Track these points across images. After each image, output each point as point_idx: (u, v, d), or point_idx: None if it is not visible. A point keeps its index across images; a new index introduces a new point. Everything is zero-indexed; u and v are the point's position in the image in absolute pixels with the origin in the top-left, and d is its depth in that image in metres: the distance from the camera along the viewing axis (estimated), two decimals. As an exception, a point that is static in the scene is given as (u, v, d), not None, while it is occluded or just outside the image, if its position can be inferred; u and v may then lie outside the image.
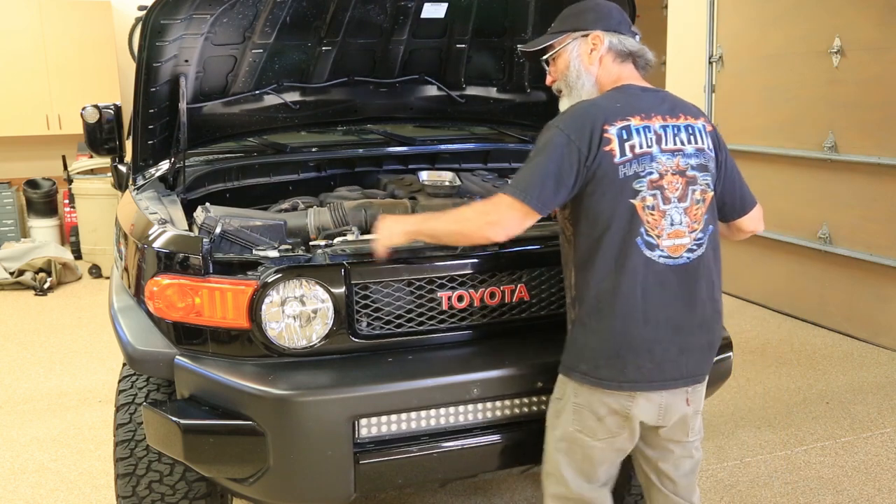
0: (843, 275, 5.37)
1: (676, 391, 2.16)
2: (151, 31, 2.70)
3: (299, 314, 2.28)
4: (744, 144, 6.08)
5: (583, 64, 2.23)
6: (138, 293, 2.45)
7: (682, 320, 2.12)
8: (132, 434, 2.50)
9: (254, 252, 2.35)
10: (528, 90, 3.77)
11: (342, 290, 2.30)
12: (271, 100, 3.52)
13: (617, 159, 2.06)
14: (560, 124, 2.09)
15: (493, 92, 3.88)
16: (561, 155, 2.05)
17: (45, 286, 6.89)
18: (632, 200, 2.07)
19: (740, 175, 2.35)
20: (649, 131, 2.11)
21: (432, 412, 2.32)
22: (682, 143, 2.15)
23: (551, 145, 2.06)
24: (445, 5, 3.33)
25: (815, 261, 5.56)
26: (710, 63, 6.28)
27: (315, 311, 2.29)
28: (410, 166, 3.82)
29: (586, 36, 2.22)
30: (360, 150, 3.88)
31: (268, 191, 3.53)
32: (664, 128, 2.14)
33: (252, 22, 3.08)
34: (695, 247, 2.13)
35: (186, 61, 3.02)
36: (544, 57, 2.32)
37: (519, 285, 2.46)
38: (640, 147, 2.09)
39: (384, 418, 2.27)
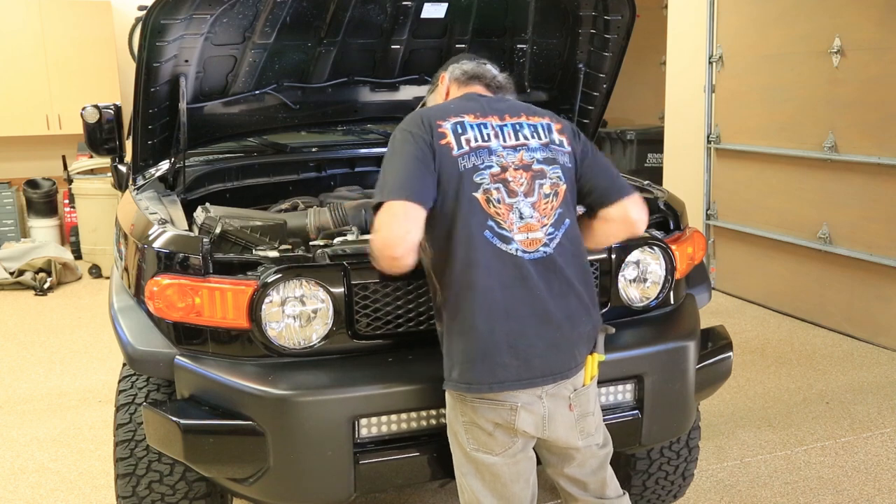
0: (843, 275, 5.37)
1: (558, 399, 2.11)
2: (151, 31, 2.70)
3: (299, 314, 2.28)
4: (744, 144, 6.08)
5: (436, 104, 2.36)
6: (138, 293, 2.45)
7: (547, 314, 2.07)
8: (132, 434, 2.50)
9: (254, 252, 2.35)
10: (529, 90, 3.77)
11: (342, 290, 2.30)
12: (271, 100, 3.51)
13: (455, 152, 2.08)
14: (400, 127, 2.14)
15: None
16: (411, 146, 2.07)
17: (45, 286, 6.89)
18: (474, 194, 2.07)
19: (610, 164, 2.30)
20: (485, 127, 2.14)
21: (432, 412, 2.32)
22: (526, 138, 2.16)
23: (399, 145, 2.10)
24: (445, 5, 3.33)
25: (815, 261, 5.56)
26: (710, 63, 6.28)
27: (315, 311, 2.29)
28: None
29: (435, 84, 2.43)
30: (360, 150, 3.89)
31: (268, 191, 3.54)
32: (501, 126, 2.17)
33: (252, 22, 3.08)
34: (549, 241, 2.10)
35: (186, 61, 3.02)
36: None
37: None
38: (476, 140, 2.11)
39: (384, 418, 2.28)
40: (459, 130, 2.11)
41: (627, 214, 2.22)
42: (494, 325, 2.04)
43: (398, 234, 1.97)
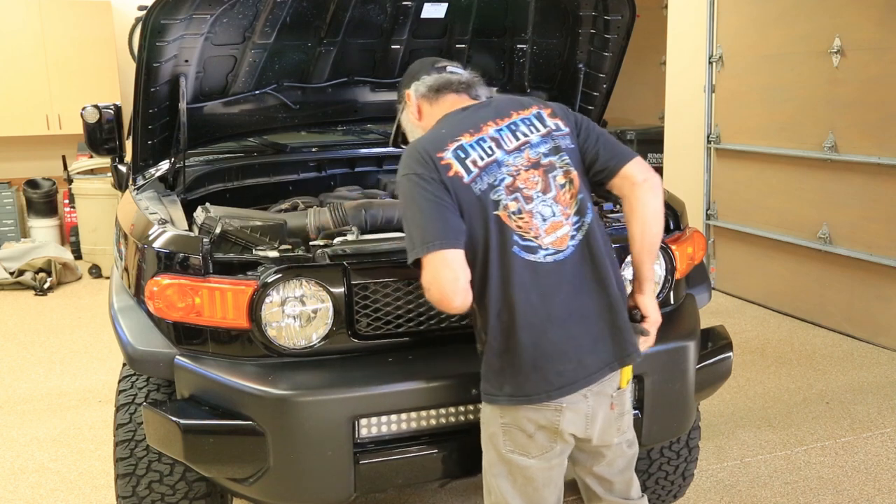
0: (843, 275, 5.37)
1: (602, 398, 2.11)
2: (151, 31, 2.70)
3: (299, 314, 2.29)
4: (744, 144, 6.08)
5: (412, 125, 2.33)
6: (138, 293, 2.45)
7: (588, 309, 2.07)
8: (132, 434, 2.50)
9: (254, 252, 2.35)
10: (529, 90, 3.78)
11: (342, 290, 2.30)
12: (271, 100, 3.52)
13: (466, 179, 2.04)
14: (402, 172, 2.09)
15: (493, 92, 3.88)
16: (424, 189, 2.02)
17: (45, 286, 6.89)
18: (496, 212, 2.05)
19: (605, 133, 2.24)
20: (484, 142, 2.10)
21: (432, 412, 2.32)
22: (525, 135, 2.13)
23: (411, 192, 2.04)
24: (445, 5, 3.33)
25: (815, 261, 5.56)
26: (710, 63, 6.28)
27: (315, 311, 2.29)
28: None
29: (403, 102, 2.37)
30: (360, 150, 3.89)
31: (268, 191, 3.54)
32: (498, 131, 2.13)
33: (252, 22, 3.08)
34: (575, 232, 2.09)
35: (186, 61, 3.02)
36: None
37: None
38: (482, 159, 2.07)
39: (384, 418, 2.28)
40: (462, 155, 2.07)
41: (633, 179, 2.15)
42: (540, 336, 2.03)
43: (448, 286, 1.96)
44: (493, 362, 2.09)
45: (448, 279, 1.96)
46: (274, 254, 2.33)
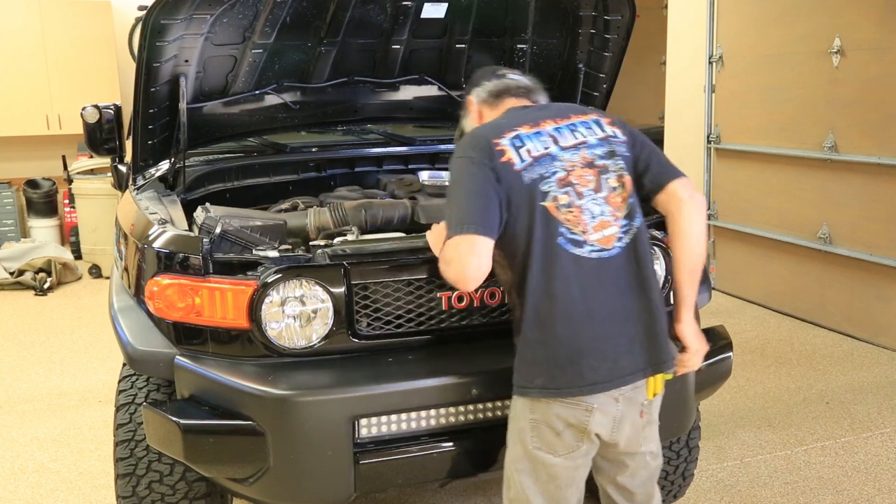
0: (843, 275, 5.37)
1: (632, 404, 2.11)
2: (151, 31, 2.70)
3: (299, 314, 2.29)
4: (744, 144, 6.08)
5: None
6: (138, 293, 2.45)
7: (628, 310, 2.08)
8: (132, 434, 2.50)
9: (254, 252, 2.35)
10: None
11: (342, 290, 2.31)
12: (271, 100, 3.52)
13: (517, 166, 2.06)
14: (457, 154, 2.12)
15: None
16: (473, 174, 2.05)
17: (45, 286, 6.89)
18: (542, 203, 2.05)
19: (657, 148, 2.30)
20: (542, 135, 2.13)
21: (432, 412, 2.32)
22: (583, 136, 2.16)
23: (460, 173, 2.08)
24: (445, 5, 3.33)
25: (815, 261, 5.56)
26: (710, 63, 6.28)
27: (315, 311, 2.30)
28: (410, 166, 3.83)
29: (465, 108, 2.42)
30: (360, 150, 3.89)
31: (268, 191, 3.54)
32: (557, 129, 2.16)
33: (252, 22, 3.08)
34: (622, 234, 2.10)
35: (186, 61, 3.02)
36: None
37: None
38: (537, 150, 2.10)
39: (384, 418, 2.28)
40: (518, 144, 2.09)
41: (679, 196, 2.18)
42: (578, 330, 2.03)
43: (470, 271, 1.98)
44: (527, 354, 2.09)
45: (472, 265, 1.98)
46: (274, 254, 2.33)
